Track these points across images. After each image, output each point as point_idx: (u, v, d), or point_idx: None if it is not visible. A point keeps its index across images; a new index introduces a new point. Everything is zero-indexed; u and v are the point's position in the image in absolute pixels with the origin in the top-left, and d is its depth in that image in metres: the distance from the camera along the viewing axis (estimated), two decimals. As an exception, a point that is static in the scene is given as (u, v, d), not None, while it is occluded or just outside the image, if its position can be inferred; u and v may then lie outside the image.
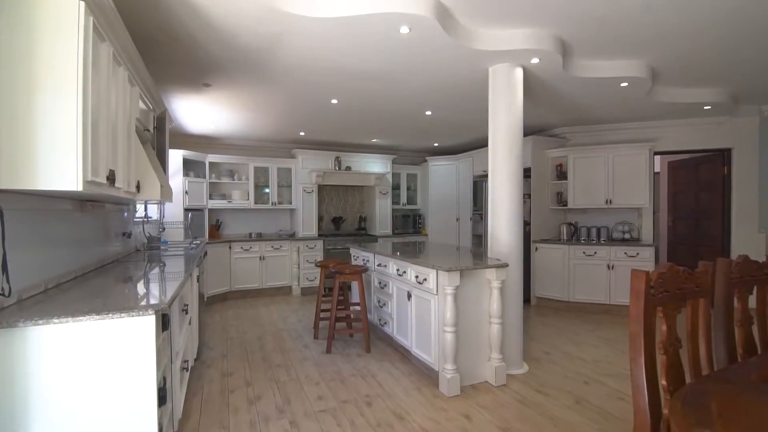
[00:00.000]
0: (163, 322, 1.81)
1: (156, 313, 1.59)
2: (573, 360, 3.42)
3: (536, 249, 5.33)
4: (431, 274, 2.88)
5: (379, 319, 3.87)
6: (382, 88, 3.80)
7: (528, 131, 5.41)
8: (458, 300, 2.81)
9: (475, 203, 6.47)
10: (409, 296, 3.21)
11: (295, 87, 3.80)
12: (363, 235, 6.81)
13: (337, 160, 6.53)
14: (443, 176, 7.04)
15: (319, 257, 6.30)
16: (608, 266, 4.94)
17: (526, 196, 5.52)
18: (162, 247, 4.29)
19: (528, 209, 5.51)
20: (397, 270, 3.42)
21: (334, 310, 3.62)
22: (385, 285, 3.70)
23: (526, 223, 5.52)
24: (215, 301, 5.67)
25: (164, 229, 4.64)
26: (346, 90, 3.88)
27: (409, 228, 7.22)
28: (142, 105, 2.77)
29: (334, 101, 4.21)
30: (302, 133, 5.90)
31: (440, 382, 2.82)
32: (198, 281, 3.35)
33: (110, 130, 1.93)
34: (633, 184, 5.10)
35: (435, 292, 2.85)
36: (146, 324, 1.57)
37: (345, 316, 4.05)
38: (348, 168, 6.64)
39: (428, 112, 4.69)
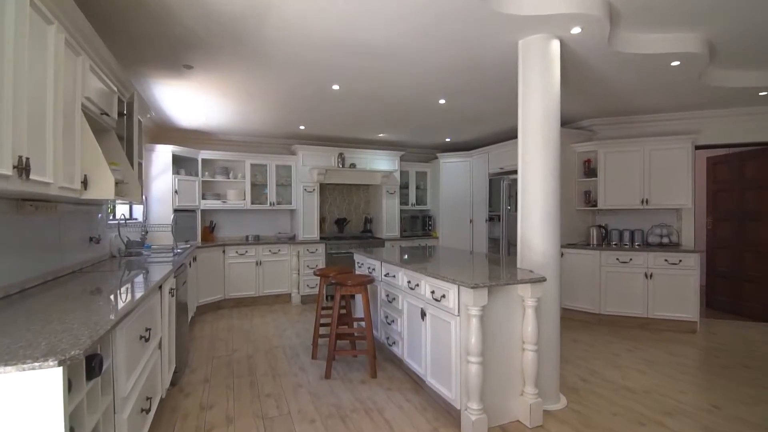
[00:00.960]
0: (90, 368, 1.31)
1: (62, 364, 1.08)
2: (618, 390, 2.87)
3: (562, 254, 4.76)
4: (451, 291, 2.35)
5: (387, 338, 3.35)
6: (389, 68, 3.28)
7: (553, 123, 4.86)
8: (485, 322, 2.28)
9: (491, 204, 5.92)
10: (423, 315, 2.68)
11: (289, 69, 3.29)
12: (368, 237, 6.29)
13: (341, 156, 6.02)
14: (456, 174, 6.50)
15: (321, 263, 5.79)
16: (646, 275, 4.36)
17: (550, 195, 4.97)
18: (145, 253, 3.81)
19: (552, 210, 4.95)
20: (408, 282, 2.90)
21: (335, 329, 3.10)
22: (394, 299, 3.17)
23: (550, 226, 4.96)
24: (207, 310, 5.19)
25: (147, 232, 4.16)
26: (348, 72, 3.37)
27: (418, 230, 6.69)
28: (98, 84, 2.27)
29: (335, 87, 3.70)
30: (302, 127, 5.40)
31: (463, 424, 2.28)
32: (174, 294, 2.85)
33: (25, 105, 1.43)
34: (672, 182, 4.52)
35: (456, 313, 2.31)
36: (45, 381, 1.06)
37: (347, 334, 3.54)
38: (352, 165, 6.13)
39: (442, 101, 4.16)
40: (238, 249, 5.45)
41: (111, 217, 3.79)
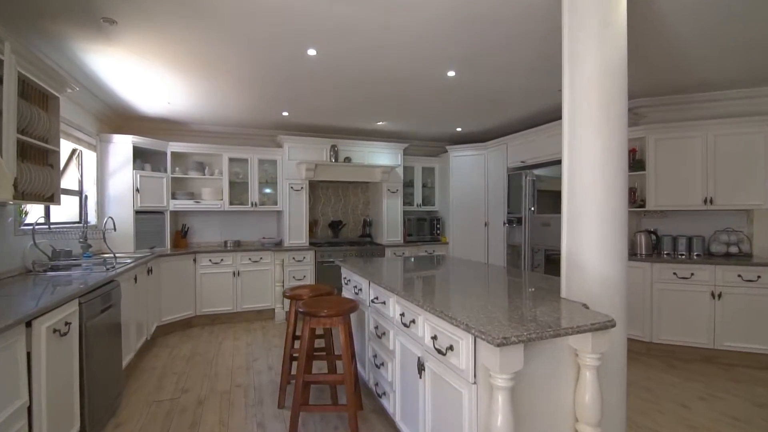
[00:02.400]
0: None
1: None
2: (710, 477, 1.96)
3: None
4: (463, 342, 1.48)
5: (376, 384, 2.49)
6: (377, 18, 2.42)
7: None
8: (517, 393, 1.41)
9: (510, 204, 5.01)
10: (421, 368, 1.81)
11: (245, 25, 2.46)
12: (367, 243, 5.44)
13: (334, 149, 5.18)
14: (468, 170, 5.61)
15: (309, 273, 4.95)
16: (713, 294, 3.42)
17: (585, 193, 4.05)
18: (85, 264, 3.03)
19: (588, 212, 4.04)
20: (402, 316, 2.04)
21: (301, 375, 2.25)
22: (384, 334, 2.31)
23: (585, 231, 4.04)
24: (174, 329, 4.40)
25: (86, 239, 3.38)
26: (323, 27, 2.52)
27: (425, 234, 5.81)
28: None
29: (311, 52, 2.85)
30: (285, 114, 4.58)
31: None
32: (65, 333, 2.05)
33: None
34: (743, 176, 3.57)
35: (471, 379, 1.45)
36: None
37: (325, 373, 2.69)
38: (347, 159, 5.28)
39: (451, 73, 3.28)
40: (211, 257, 4.65)
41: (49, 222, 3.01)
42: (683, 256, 3.75)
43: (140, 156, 4.57)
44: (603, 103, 1.77)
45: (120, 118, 4.67)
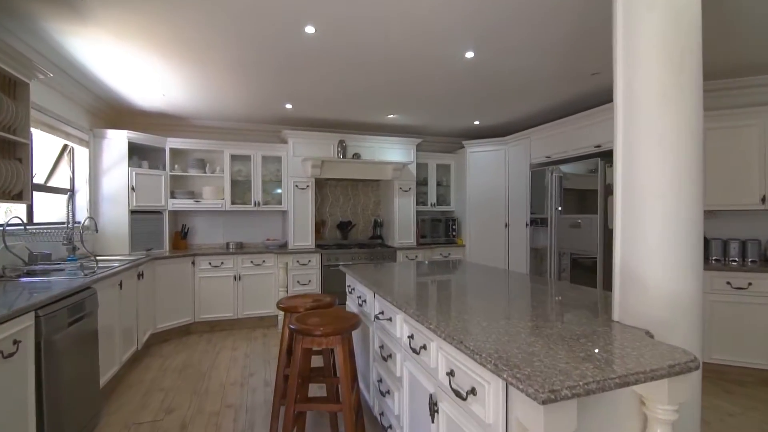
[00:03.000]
0: None
1: None
2: None
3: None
4: (491, 387, 1.11)
5: (381, 414, 2.13)
6: (387, -13, 2.06)
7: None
8: (565, 461, 1.02)
9: (533, 203, 4.59)
10: (434, 409, 1.44)
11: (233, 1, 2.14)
12: (377, 246, 5.08)
13: (341, 145, 4.84)
14: (487, 166, 5.20)
15: (315, 278, 4.62)
16: (776, 308, 2.94)
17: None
18: (69, 268, 2.77)
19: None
20: (410, 338, 1.67)
21: (292, 407, 1.91)
22: (390, 356, 1.95)
23: (621, 234, 3.59)
24: (170, 337, 4.13)
25: (71, 240, 3.12)
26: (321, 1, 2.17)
27: (440, 236, 5.41)
28: None
29: (310, 29, 2.51)
30: (289, 106, 4.26)
31: None
32: (14, 352, 1.75)
33: None
34: (810, 171, 3.08)
35: (500, 435, 1.07)
36: None
37: (323, 398, 2.35)
38: (356, 156, 4.94)
39: (469, 54, 2.90)
40: (211, 260, 4.37)
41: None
42: (735, 263, 3.27)
43: (137, 153, 4.33)
44: (671, 68, 1.36)
45: (116, 112, 4.43)
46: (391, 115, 4.63)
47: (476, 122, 4.99)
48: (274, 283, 4.55)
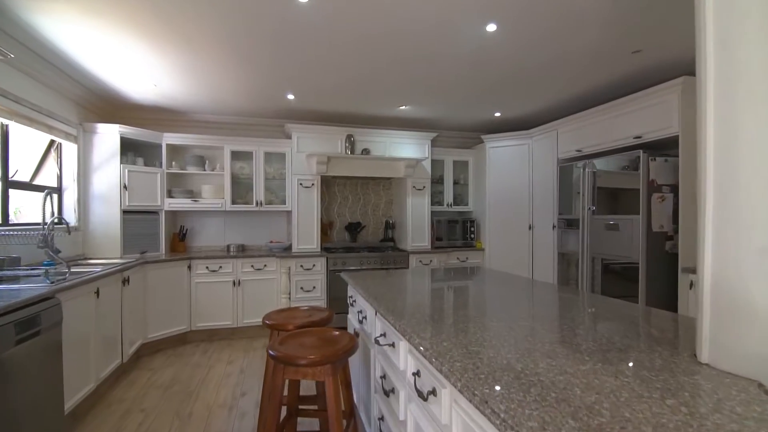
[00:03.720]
0: None
1: None
2: None
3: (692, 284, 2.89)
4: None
5: (383, 459, 1.73)
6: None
7: (666, 64, 3.04)
8: None
9: (562, 202, 4.12)
10: (446, 482, 1.04)
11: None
12: (389, 249, 4.69)
13: (349, 140, 4.47)
14: (509, 163, 4.75)
15: (320, 285, 4.26)
16: None
17: (666, 188, 3.14)
18: (36, 273, 2.49)
19: (671, 211, 3.12)
20: (415, 375, 1.28)
21: (269, 451, 1.53)
22: (393, 390, 1.55)
23: (667, 237, 3.14)
24: (164, 346, 3.83)
25: (47, 243, 2.84)
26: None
27: (457, 239, 4.97)
28: None
29: (302, -4, 2.15)
30: (291, 97, 3.91)
31: None
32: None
33: None
34: None
35: None
36: None
37: (317, 433, 1.97)
38: (365, 151, 4.56)
39: (491, 26, 2.48)
40: (209, 263, 4.06)
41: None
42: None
43: (132, 149, 4.06)
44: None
45: (109, 106, 4.18)
46: (403, 107, 4.24)
47: (497, 114, 4.55)
48: (276, 289, 4.21)
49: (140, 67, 3.16)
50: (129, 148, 4.03)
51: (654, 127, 3.14)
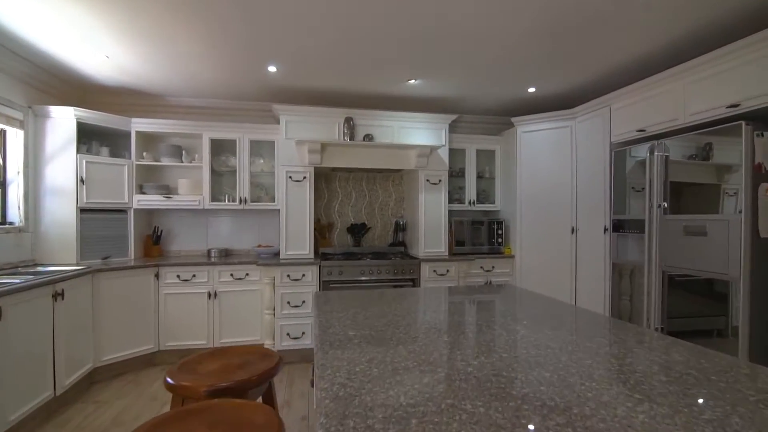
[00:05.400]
0: None
1: None
2: None
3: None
4: None
5: None
6: None
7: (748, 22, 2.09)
8: None
9: (616, 199, 3.20)
10: None
11: None
12: (397, 255, 3.90)
13: (349, 123, 3.72)
14: (545, 151, 3.85)
15: (310, 299, 3.52)
16: None
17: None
18: None
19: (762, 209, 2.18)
20: None
21: None
22: None
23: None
24: (128, 369, 3.22)
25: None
26: None
27: (482, 244, 4.11)
28: None
29: None
30: (272, 68, 3.20)
31: None
32: None
33: None
34: None
35: None
36: None
37: None
38: (368, 137, 3.80)
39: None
40: (180, 272, 3.42)
41: None
42: None
43: (96, 137, 3.50)
44: None
45: (73, 89, 3.62)
46: (412, 81, 3.44)
47: (531, 89, 3.67)
48: (260, 303, 3.52)
49: (83, 33, 2.54)
50: (92, 136, 3.47)
51: (760, 90, 2.21)
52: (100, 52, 2.87)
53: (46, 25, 2.45)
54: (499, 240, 4.11)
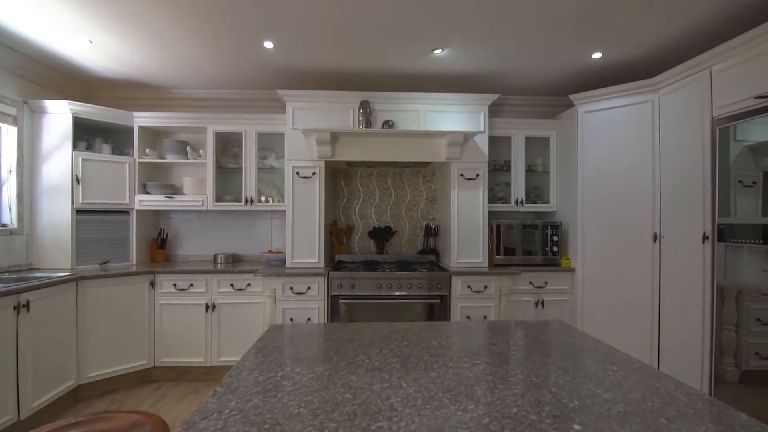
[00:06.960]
0: None
1: None
2: None
3: None
4: None
5: None
6: None
7: None
8: None
9: (721, 197, 2.29)
10: None
11: None
12: (425, 266, 3.26)
13: (364, 108, 3.15)
14: (616, 135, 2.99)
15: (318, 315, 2.97)
16: None
17: None
18: None
19: None
20: None
21: None
22: None
23: None
24: (120, 385, 2.92)
25: None
26: None
27: (533, 254, 3.32)
28: None
29: None
30: (269, 45, 2.72)
31: None
32: None
33: None
34: None
35: None
36: None
37: None
38: (388, 124, 3.20)
39: None
40: (177, 280, 3.06)
41: None
42: None
43: (97, 133, 3.29)
44: None
45: (73, 83, 3.42)
46: (438, 50, 2.78)
47: (596, 54, 2.84)
48: (262, 317, 3.07)
49: (61, 17, 2.24)
50: (94, 133, 3.26)
51: None
52: (85, 37, 2.58)
53: (22, 10, 2.17)
54: (555, 249, 3.30)
